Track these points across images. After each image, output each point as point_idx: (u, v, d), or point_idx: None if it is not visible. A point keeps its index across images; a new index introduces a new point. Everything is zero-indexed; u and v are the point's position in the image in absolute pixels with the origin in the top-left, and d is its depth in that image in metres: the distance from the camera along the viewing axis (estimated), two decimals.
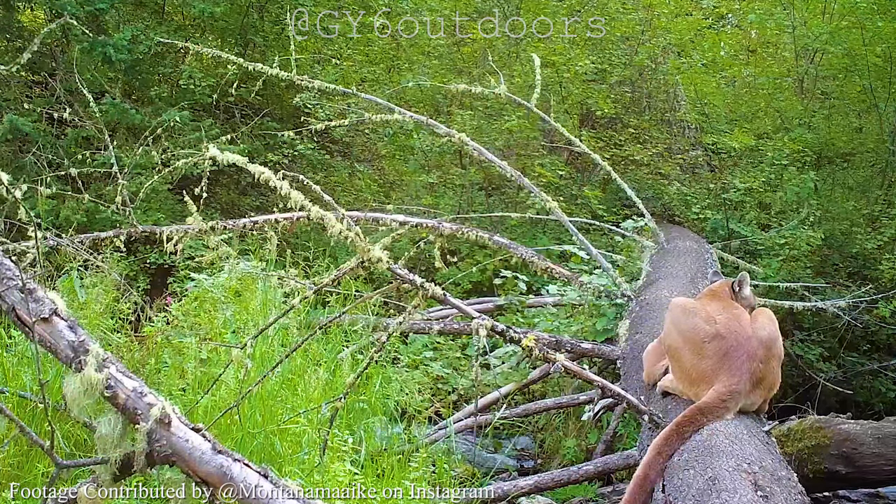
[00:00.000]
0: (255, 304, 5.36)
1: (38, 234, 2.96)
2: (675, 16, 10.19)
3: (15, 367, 4.09)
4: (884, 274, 7.57)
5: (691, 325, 3.67)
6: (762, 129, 9.61)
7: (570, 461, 5.43)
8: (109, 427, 2.68)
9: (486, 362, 5.91)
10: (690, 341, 3.65)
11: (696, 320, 3.68)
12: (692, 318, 3.69)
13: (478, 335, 3.94)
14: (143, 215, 7.32)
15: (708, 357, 3.58)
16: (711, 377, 3.55)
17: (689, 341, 3.65)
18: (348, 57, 9.89)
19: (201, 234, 5.19)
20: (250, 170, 3.74)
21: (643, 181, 9.33)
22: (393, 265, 3.89)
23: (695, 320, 3.68)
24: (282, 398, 4.39)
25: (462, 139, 6.68)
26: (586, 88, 9.51)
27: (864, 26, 8.55)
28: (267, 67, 7.19)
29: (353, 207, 7.80)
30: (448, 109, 9.85)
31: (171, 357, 4.76)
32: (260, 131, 9.03)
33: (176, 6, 9.34)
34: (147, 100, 8.47)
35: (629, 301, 5.74)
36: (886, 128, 9.08)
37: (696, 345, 3.62)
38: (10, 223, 6.51)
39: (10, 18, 8.35)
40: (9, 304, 2.69)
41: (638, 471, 3.40)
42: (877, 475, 4.45)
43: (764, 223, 8.52)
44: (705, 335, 3.61)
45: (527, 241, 8.07)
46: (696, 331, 3.65)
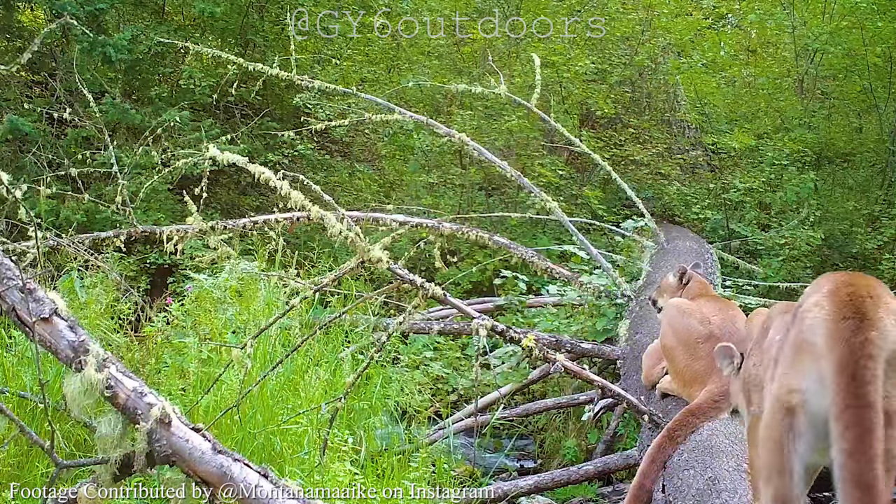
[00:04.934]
0: (255, 304, 5.36)
1: (38, 234, 2.96)
2: (675, 16, 10.20)
3: (15, 367, 4.09)
4: (884, 274, 7.57)
5: (686, 326, 3.68)
6: (762, 129, 9.61)
7: (570, 461, 5.43)
8: (109, 427, 2.68)
9: (486, 362, 5.91)
10: (684, 342, 3.66)
11: (690, 321, 3.69)
12: (687, 319, 3.70)
13: (478, 335, 3.94)
14: (143, 215, 7.32)
15: (701, 358, 3.59)
16: (704, 377, 3.56)
17: (684, 342, 3.66)
18: (348, 57, 9.89)
19: (201, 234, 5.19)
20: (250, 170, 3.74)
21: (643, 181, 9.34)
22: (393, 265, 3.90)
23: (689, 321, 3.69)
24: (282, 398, 4.39)
25: (462, 139, 6.69)
26: (586, 88, 9.51)
27: (864, 26, 8.55)
28: (267, 67, 7.19)
29: (353, 207, 7.79)
30: (448, 109, 9.85)
31: (171, 357, 4.76)
32: (260, 131, 9.03)
33: (176, 6, 9.34)
34: (147, 100, 8.47)
35: (629, 301, 5.74)
36: (886, 128, 9.08)
37: (690, 345, 3.63)
38: (10, 223, 6.51)
39: (10, 18, 8.34)
40: (9, 304, 2.69)
41: (635, 479, 3.42)
42: None
43: (764, 223, 8.52)
44: (699, 336, 3.62)
45: (527, 241, 8.07)
46: (691, 331, 3.66)
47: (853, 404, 1.96)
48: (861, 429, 1.95)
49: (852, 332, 2.00)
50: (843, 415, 1.97)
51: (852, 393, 1.97)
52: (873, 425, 1.95)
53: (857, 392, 1.96)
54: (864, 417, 1.95)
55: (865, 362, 1.97)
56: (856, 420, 1.96)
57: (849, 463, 1.96)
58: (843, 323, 2.02)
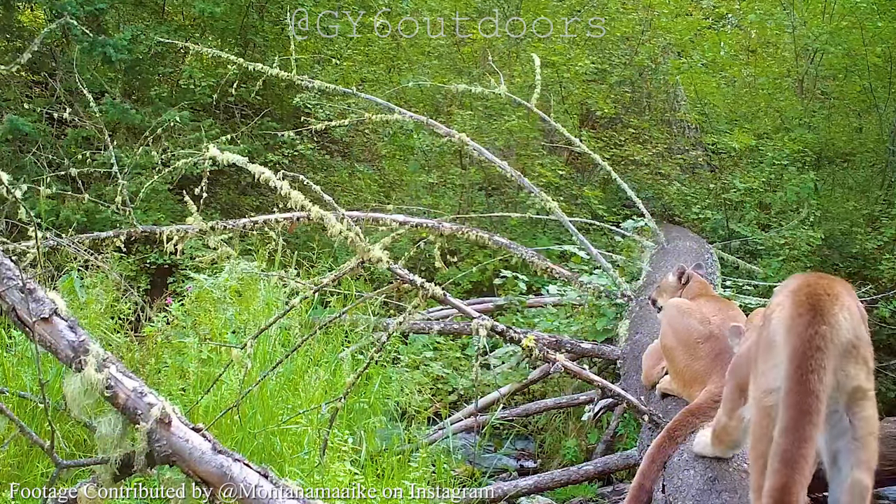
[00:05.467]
0: (255, 304, 5.36)
1: (38, 234, 2.96)
2: (675, 16, 10.20)
3: (15, 367, 4.10)
4: (884, 274, 7.57)
5: (686, 326, 3.67)
6: (762, 129, 9.61)
7: (570, 461, 5.43)
8: (109, 427, 2.68)
9: (486, 362, 5.91)
10: (684, 342, 3.65)
11: (690, 321, 3.68)
12: (687, 319, 3.70)
13: (478, 335, 3.94)
14: (143, 215, 7.32)
15: (701, 358, 3.58)
16: (704, 377, 3.55)
17: (683, 342, 3.66)
18: (348, 57, 9.88)
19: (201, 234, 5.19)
20: (250, 170, 3.74)
21: (643, 181, 9.33)
22: (393, 265, 3.90)
23: (689, 321, 3.68)
24: (282, 398, 4.39)
25: (462, 139, 6.68)
26: (586, 88, 9.51)
27: (864, 26, 8.55)
28: (267, 67, 7.18)
29: (353, 207, 7.79)
30: (448, 109, 9.85)
31: (171, 357, 4.76)
32: (260, 131, 9.03)
33: (176, 6, 9.34)
34: (147, 100, 8.47)
35: (629, 301, 5.74)
36: (886, 128, 9.08)
37: (690, 345, 3.63)
38: (10, 223, 6.51)
39: (10, 18, 8.34)
40: (9, 304, 2.69)
41: (635, 479, 3.42)
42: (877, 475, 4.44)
43: (764, 223, 8.53)
44: (699, 336, 3.61)
45: (527, 241, 8.06)
46: (690, 331, 3.65)
47: (795, 389, 2.15)
48: (798, 411, 2.13)
49: (805, 327, 2.20)
50: (786, 397, 2.16)
51: (796, 380, 2.16)
52: (811, 409, 2.13)
53: (801, 378, 2.15)
54: (803, 402, 2.13)
55: (812, 353, 2.16)
56: (795, 403, 2.14)
57: (781, 440, 2.14)
58: (799, 319, 2.22)
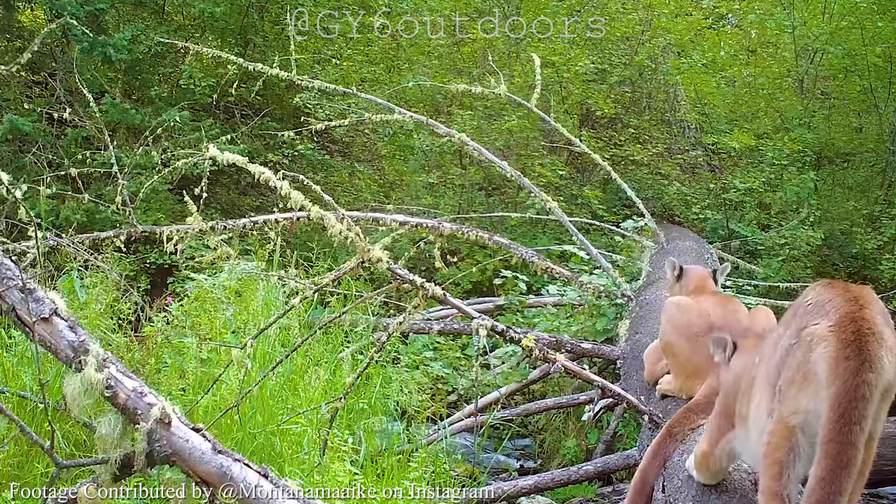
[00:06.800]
0: (255, 304, 5.36)
1: (38, 234, 2.96)
2: (675, 16, 10.19)
3: (15, 367, 4.09)
4: (884, 274, 7.58)
5: (685, 321, 3.69)
6: (762, 129, 9.61)
7: (570, 461, 5.43)
8: (109, 427, 2.68)
9: (486, 362, 5.90)
10: (685, 336, 3.67)
11: (690, 316, 3.70)
12: (687, 315, 3.71)
13: (478, 335, 3.94)
14: (143, 215, 7.32)
15: (701, 350, 3.58)
16: (706, 370, 3.55)
17: (684, 336, 3.67)
18: (348, 57, 9.89)
19: (201, 234, 5.19)
20: (250, 170, 3.74)
21: (643, 181, 9.33)
22: (393, 265, 3.90)
23: (689, 316, 3.70)
24: (282, 398, 4.39)
25: (462, 139, 6.69)
26: (586, 88, 9.51)
27: (864, 26, 8.56)
28: (267, 67, 7.19)
29: (353, 207, 7.79)
30: (448, 109, 9.85)
31: (171, 357, 4.76)
32: (260, 131, 9.03)
33: (176, 6, 9.34)
34: (147, 100, 8.47)
35: (629, 301, 5.74)
36: (886, 128, 9.09)
37: (691, 339, 3.64)
38: (10, 223, 6.51)
39: (10, 18, 8.34)
40: (9, 304, 2.69)
41: (635, 476, 3.42)
42: (877, 475, 4.45)
43: (764, 223, 8.53)
44: (699, 329, 3.62)
45: (527, 241, 8.06)
46: (690, 326, 3.66)
47: (837, 439, 2.15)
48: (837, 463, 2.14)
49: (852, 374, 2.18)
50: (826, 445, 2.17)
51: (839, 429, 2.16)
52: (849, 462, 2.15)
53: (843, 429, 2.16)
54: (842, 453, 2.15)
55: (857, 403, 2.16)
56: (836, 454, 2.15)
57: (817, 488, 2.15)
58: (846, 363, 2.19)
